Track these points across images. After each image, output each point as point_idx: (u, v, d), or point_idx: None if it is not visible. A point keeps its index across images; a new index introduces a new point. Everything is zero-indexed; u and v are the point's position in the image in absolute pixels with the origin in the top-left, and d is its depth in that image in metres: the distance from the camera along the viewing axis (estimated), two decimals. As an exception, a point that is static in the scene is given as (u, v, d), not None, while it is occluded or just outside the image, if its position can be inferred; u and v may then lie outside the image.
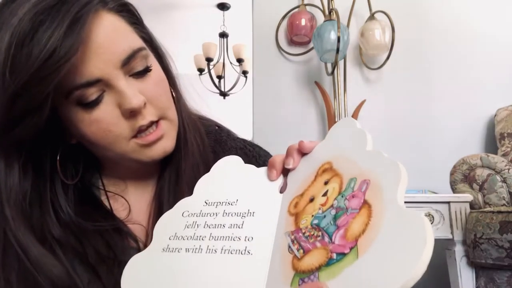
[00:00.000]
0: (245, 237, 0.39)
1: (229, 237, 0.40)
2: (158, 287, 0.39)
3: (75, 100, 0.46)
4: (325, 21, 1.74)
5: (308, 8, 1.96)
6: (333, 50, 1.67)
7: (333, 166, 0.40)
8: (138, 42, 0.51)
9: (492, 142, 1.83)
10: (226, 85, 3.50)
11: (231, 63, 3.37)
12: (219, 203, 0.44)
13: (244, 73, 3.34)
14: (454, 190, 1.52)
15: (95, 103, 0.47)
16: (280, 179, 0.44)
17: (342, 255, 0.31)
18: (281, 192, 0.43)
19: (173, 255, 0.41)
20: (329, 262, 0.31)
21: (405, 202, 0.31)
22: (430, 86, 1.95)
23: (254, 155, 0.62)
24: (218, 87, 3.45)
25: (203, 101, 0.67)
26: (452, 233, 1.37)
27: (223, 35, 3.31)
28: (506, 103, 1.81)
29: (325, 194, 0.38)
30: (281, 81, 1.99)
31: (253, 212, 0.41)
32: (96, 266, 0.50)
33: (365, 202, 0.33)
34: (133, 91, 0.48)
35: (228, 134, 0.66)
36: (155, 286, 0.39)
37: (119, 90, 0.47)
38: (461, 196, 1.40)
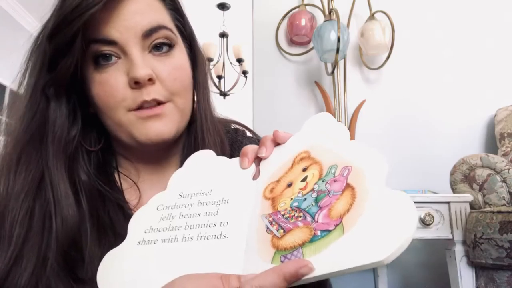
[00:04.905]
0: (220, 222, 0.39)
1: (204, 224, 0.40)
2: (134, 279, 0.38)
3: (92, 55, 0.50)
4: (325, 21, 1.73)
5: (308, 8, 1.96)
6: (333, 50, 1.67)
7: (311, 155, 0.41)
8: (168, 23, 0.53)
9: (492, 142, 1.83)
10: (226, 85, 3.51)
11: (231, 63, 3.37)
12: (193, 194, 0.44)
13: (244, 73, 3.34)
14: (454, 190, 1.52)
15: (107, 65, 0.50)
16: (253, 167, 0.45)
17: (327, 231, 0.31)
18: (254, 179, 0.43)
19: (148, 247, 0.40)
20: (313, 239, 0.32)
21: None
22: (430, 86, 1.94)
23: None
24: (218, 87, 3.45)
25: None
26: (452, 233, 1.37)
27: (223, 35, 3.32)
28: (506, 103, 1.81)
29: (304, 180, 0.38)
30: (281, 81, 1.99)
31: (227, 200, 0.42)
32: (99, 230, 0.51)
33: (348, 185, 0.34)
34: (143, 63, 0.49)
35: (243, 133, 0.67)
36: (132, 278, 0.38)
37: (131, 57, 0.49)
38: (461, 196, 1.40)
